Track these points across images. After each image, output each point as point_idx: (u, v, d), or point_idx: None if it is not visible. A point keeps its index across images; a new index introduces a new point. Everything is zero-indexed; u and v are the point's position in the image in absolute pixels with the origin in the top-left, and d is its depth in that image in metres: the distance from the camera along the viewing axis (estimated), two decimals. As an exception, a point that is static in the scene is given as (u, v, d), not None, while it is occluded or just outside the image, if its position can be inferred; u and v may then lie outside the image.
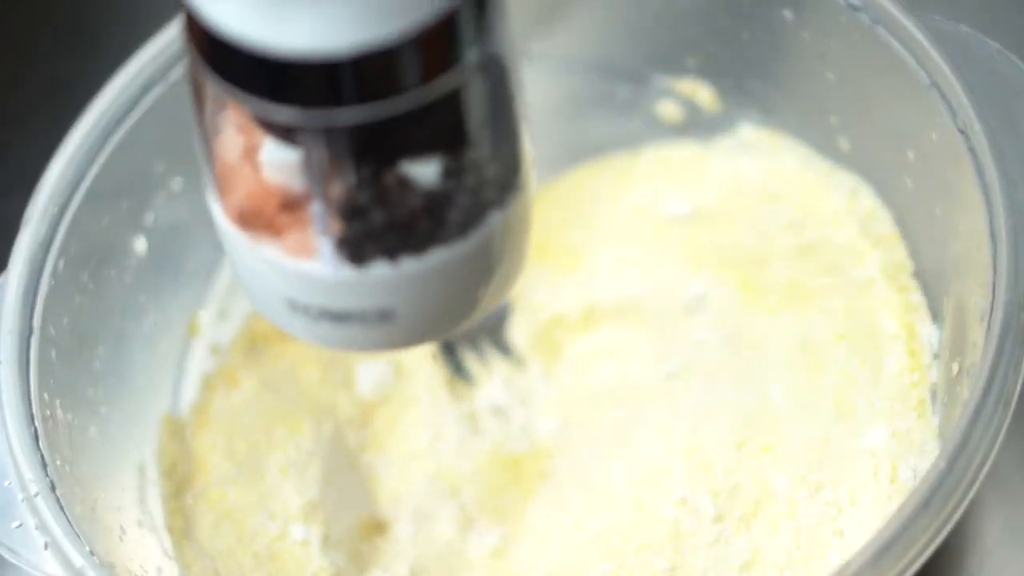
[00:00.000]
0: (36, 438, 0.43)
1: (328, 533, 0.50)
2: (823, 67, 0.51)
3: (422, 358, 0.55)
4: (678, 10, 0.53)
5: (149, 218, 0.51)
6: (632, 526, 0.49)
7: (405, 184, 0.33)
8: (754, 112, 0.55)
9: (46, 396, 0.45)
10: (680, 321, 0.53)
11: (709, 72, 0.55)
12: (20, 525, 0.42)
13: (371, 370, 0.55)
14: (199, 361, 0.54)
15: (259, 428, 0.53)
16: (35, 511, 0.42)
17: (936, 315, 0.49)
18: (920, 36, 0.45)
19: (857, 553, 0.37)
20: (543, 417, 0.54)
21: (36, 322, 0.45)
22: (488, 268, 0.36)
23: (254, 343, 0.55)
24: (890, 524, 0.37)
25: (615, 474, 0.51)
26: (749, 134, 0.55)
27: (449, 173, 0.34)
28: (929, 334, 0.49)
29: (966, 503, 0.38)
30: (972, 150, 0.43)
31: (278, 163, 0.33)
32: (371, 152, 0.33)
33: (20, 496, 0.42)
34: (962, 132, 0.43)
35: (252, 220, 0.35)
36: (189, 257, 0.54)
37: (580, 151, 0.57)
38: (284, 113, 0.32)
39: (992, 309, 0.40)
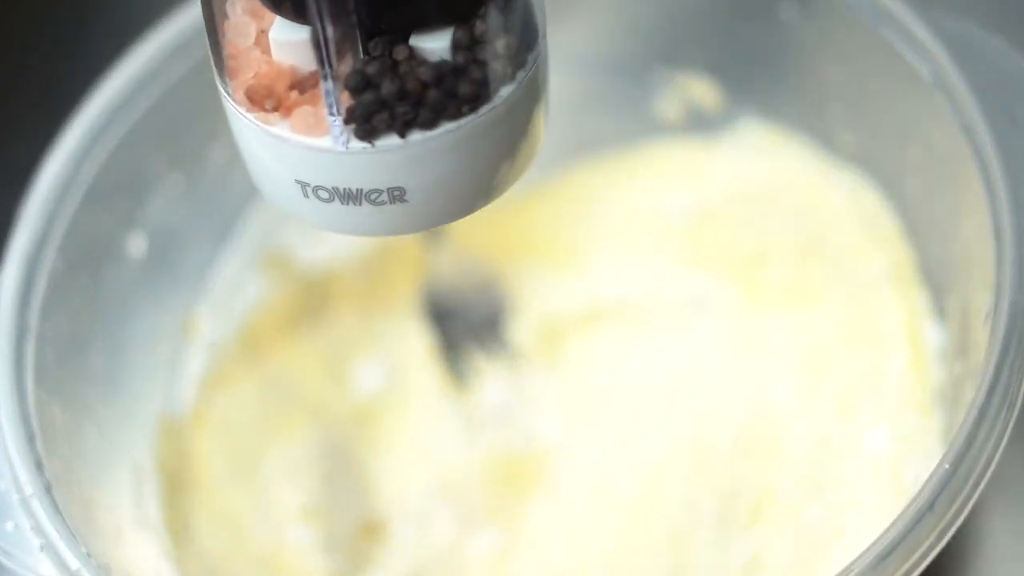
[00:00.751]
0: (32, 439, 0.43)
1: (327, 534, 0.50)
2: (826, 65, 0.51)
3: (421, 358, 0.55)
4: (679, 7, 0.53)
5: (146, 217, 0.51)
6: (633, 527, 0.49)
7: (414, 57, 0.34)
8: (756, 110, 0.55)
9: (43, 396, 0.45)
10: (682, 320, 0.53)
11: (711, 70, 0.55)
12: (15, 526, 0.41)
13: (370, 370, 0.55)
14: (197, 361, 0.54)
15: (257, 428, 0.53)
16: (30, 512, 0.41)
17: (940, 315, 0.49)
18: (924, 33, 0.45)
19: (860, 555, 0.37)
20: (543, 417, 0.54)
21: (32, 322, 0.45)
22: (499, 146, 0.36)
23: (252, 343, 0.55)
24: (894, 526, 0.37)
25: (616, 474, 0.51)
26: (751, 132, 0.55)
27: (458, 46, 0.34)
28: (933, 334, 0.49)
29: (970, 505, 0.38)
30: (976, 148, 0.43)
31: (288, 42, 0.34)
32: (378, 24, 0.33)
33: (15, 497, 0.42)
34: (966, 130, 0.43)
35: (262, 101, 0.35)
36: (186, 256, 0.54)
37: (581, 149, 0.57)
38: None
39: (996, 309, 0.40)
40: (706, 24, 0.53)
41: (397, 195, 0.36)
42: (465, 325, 0.56)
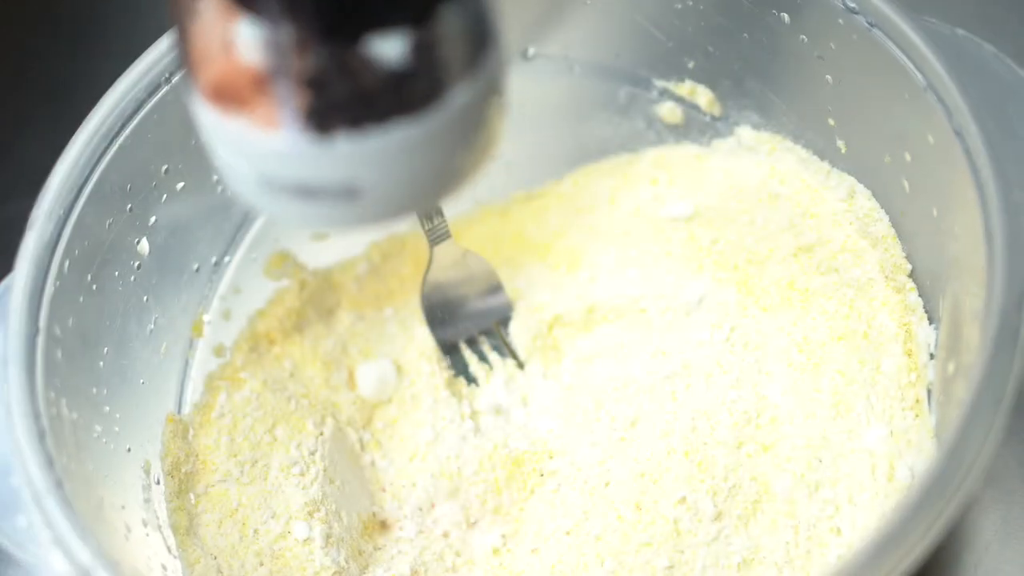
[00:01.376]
0: (42, 436, 0.43)
1: (330, 532, 0.50)
2: (821, 69, 0.51)
3: (423, 358, 0.55)
4: (677, 13, 0.53)
5: (152, 220, 0.51)
6: (632, 525, 0.49)
7: (369, 57, 0.34)
8: (753, 114, 0.55)
9: (52, 395, 0.45)
10: (680, 321, 0.53)
11: (708, 74, 0.55)
12: (27, 522, 0.42)
13: (372, 370, 0.55)
14: (202, 361, 0.54)
15: (262, 428, 0.53)
16: (42, 508, 0.42)
17: (933, 315, 0.49)
18: (917, 39, 0.45)
19: (855, 551, 0.38)
20: (543, 417, 0.54)
21: (42, 322, 0.46)
22: (453, 144, 0.37)
23: (257, 343, 0.55)
24: (887, 522, 0.38)
25: (615, 473, 0.51)
26: (748, 135, 0.55)
27: (412, 47, 0.35)
28: (926, 334, 0.49)
29: (962, 501, 0.38)
30: (968, 152, 0.43)
31: (251, 40, 0.35)
32: (336, 24, 0.34)
33: (27, 493, 0.42)
34: (958, 134, 0.44)
35: (225, 96, 0.36)
36: (192, 258, 0.54)
37: (581, 152, 0.58)
38: None
39: (987, 309, 0.40)
40: (704, 30, 0.53)
41: (353, 190, 0.36)
42: (466, 326, 0.56)
